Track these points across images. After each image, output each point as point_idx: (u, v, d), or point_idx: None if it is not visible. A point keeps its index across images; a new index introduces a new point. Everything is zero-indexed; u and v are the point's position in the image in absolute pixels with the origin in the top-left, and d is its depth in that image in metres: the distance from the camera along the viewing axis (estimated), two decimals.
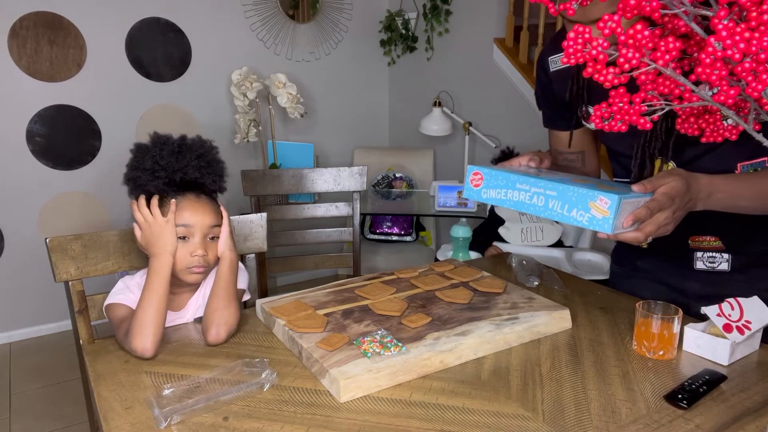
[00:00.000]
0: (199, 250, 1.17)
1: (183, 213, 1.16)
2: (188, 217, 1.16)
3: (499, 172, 0.95)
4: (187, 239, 1.17)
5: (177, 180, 1.17)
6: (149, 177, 1.16)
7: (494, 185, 0.94)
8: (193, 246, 1.17)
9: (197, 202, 1.18)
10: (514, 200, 0.92)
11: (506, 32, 2.84)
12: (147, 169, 1.16)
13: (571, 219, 0.86)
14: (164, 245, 1.11)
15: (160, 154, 1.16)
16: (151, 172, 1.16)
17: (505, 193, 0.93)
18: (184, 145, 1.19)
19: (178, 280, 1.20)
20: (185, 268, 1.17)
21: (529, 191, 0.90)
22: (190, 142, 1.21)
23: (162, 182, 1.16)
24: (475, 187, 0.96)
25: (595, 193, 0.83)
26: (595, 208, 0.83)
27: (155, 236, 1.12)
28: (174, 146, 1.18)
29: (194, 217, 1.17)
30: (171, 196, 1.17)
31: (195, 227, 1.17)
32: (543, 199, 0.88)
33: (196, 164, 1.19)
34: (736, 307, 1.02)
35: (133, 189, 1.20)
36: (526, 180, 0.91)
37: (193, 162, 1.18)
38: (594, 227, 0.84)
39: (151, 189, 1.17)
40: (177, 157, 1.17)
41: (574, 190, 0.85)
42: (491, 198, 0.95)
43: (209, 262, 1.19)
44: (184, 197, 1.18)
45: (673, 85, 0.75)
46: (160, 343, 1.05)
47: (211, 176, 1.22)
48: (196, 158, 1.19)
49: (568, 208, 0.86)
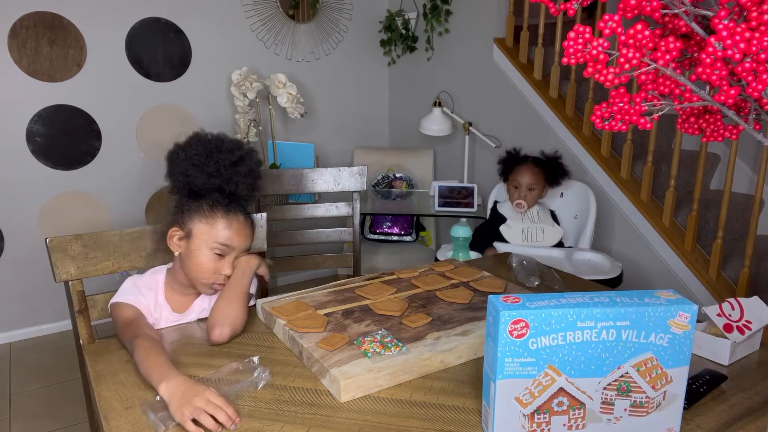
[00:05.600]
0: (227, 269, 1.18)
1: (232, 234, 1.17)
2: (235, 240, 1.17)
3: (549, 311, 0.75)
4: (224, 257, 1.18)
5: (227, 191, 1.18)
6: (206, 182, 1.16)
7: (547, 331, 0.75)
8: (223, 265, 1.18)
9: (244, 226, 1.19)
10: (577, 342, 0.76)
11: (506, 32, 2.84)
12: (208, 173, 1.16)
13: (649, 345, 0.77)
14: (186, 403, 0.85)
15: (220, 158, 1.16)
16: (209, 176, 1.16)
17: (564, 337, 0.76)
18: (240, 157, 1.19)
19: (192, 287, 1.21)
20: (209, 283, 1.18)
21: (596, 327, 0.76)
22: (244, 154, 1.20)
23: (215, 189, 1.17)
24: (518, 338, 0.75)
25: (673, 309, 0.76)
26: (675, 325, 0.77)
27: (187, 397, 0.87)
28: (233, 156, 1.18)
29: (239, 240, 1.18)
30: (223, 209, 1.16)
31: (235, 250, 1.18)
32: (614, 332, 0.76)
33: (248, 180, 1.20)
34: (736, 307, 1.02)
35: (184, 185, 1.19)
36: (589, 315, 0.75)
37: (247, 178, 1.19)
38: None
39: (204, 193, 1.17)
40: (236, 169, 1.18)
41: (648, 312, 0.76)
42: (544, 347, 0.76)
43: (228, 279, 1.20)
44: (236, 218, 1.18)
45: (673, 85, 0.75)
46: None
47: (254, 194, 1.24)
48: (248, 172, 1.20)
49: (645, 334, 0.76)
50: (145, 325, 1.13)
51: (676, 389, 0.79)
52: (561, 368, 0.77)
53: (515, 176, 2.15)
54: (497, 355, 0.75)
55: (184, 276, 1.21)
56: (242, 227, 1.19)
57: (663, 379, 0.78)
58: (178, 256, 1.21)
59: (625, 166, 2.36)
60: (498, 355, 0.75)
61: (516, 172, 2.15)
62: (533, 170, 2.12)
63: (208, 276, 1.17)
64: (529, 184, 2.12)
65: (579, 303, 0.76)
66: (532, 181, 2.12)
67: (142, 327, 1.10)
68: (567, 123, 2.53)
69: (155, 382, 0.90)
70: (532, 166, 2.14)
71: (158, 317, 1.22)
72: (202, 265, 1.17)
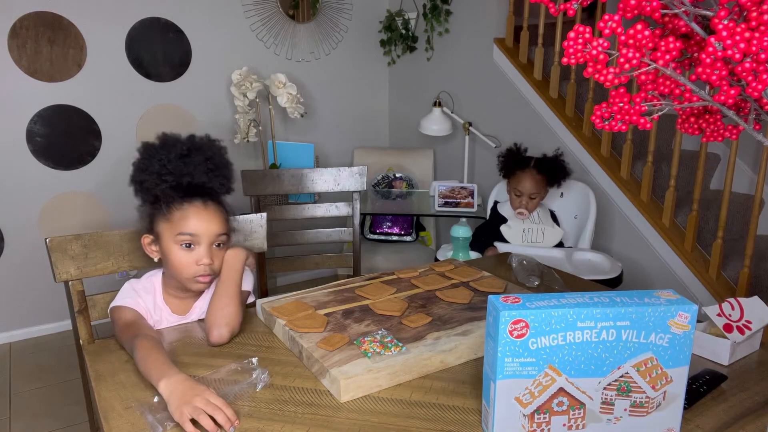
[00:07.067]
0: (205, 258, 1.15)
1: (189, 221, 1.13)
2: (195, 226, 1.14)
3: (549, 311, 0.75)
4: (193, 247, 1.15)
5: (184, 184, 1.15)
6: (156, 180, 1.14)
7: (547, 331, 0.75)
8: (199, 255, 1.15)
9: (204, 210, 1.15)
10: (577, 342, 0.76)
11: (506, 32, 2.84)
12: (154, 172, 1.13)
13: (649, 345, 0.77)
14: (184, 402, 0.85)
15: (167, 157, 1.14)
16: (158, 176, 1.13)
17: (564, 337, 0.76)
18: (193, 148, 1.16)
19: (185, 289, 1.20)
20: (191, 276, 1.15)
21: (596, 327, 0.76)
22: (199, 144, 1.17)
23: (168, 186, 1.13)
24: (518, 338, 0.75)
25: (673, 309, 0.76)
26: (675, 325, 0.77)
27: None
28: (182, 149, 1.15)
29: (201, 225, 1.14)
30: (177, 201, 1.14)
31: (201, 236, 1.15)
32: (614, 332, 0.76)
33: (204, 168, 1.16)
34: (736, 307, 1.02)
35: (140, 191, 1.18)
36: (589, 315, 0.75)
37: (201, 165, 1.15)
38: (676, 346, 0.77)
39: (158, 193, 1.15)
40: (185, 161, 1.14)
41: (648, 312, 0.76)
42: (544, 347, 0.76)
43: (215, 270, 1.17)
44: (191, 204, 1.14)
45: (673, 85, 0.75)
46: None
47: (219, 179, 1.19)
48: (204, 161, 1.16)
49: (645, 334, 0.76)
50: (144, 326, 1.13)
51: (676, 389, 0.79)
52: (561, 368, 0.77)
53: (517, 183, 2.12)
54: (497, 355, 0.75)
55: (174, 279, 1.20)
56: (201, 212, 1.14)
57: (663, 379, 0.78)
58: (158, 262, 1.21)
59: (625, 166, 2.36)
60: (498, 355, 0.75)
61: (518, 178, 2.12)
62: (535, 178, 2.10)
63: (186, 270, 1.15)
64: (531, 193, 2.11)
65: (579, 303, 0.76)
66: (535, 190, 2.11)
67: (142, 328, 1.10)
68: (567, 123, 2.53)
69: (155, 380, 0.89)
70: (535, 174, 2.10)
71: (158, 319, 1.22)
72: (175, 262, 1.15)
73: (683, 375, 0.79)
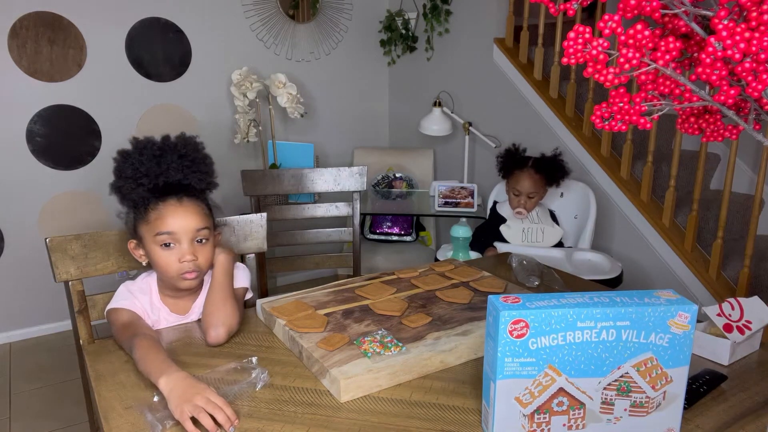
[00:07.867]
0: (188, 255, 1.13)
1: (165, 220, 1.12)
2: (171, 224, 1.12)
3: (549, 311, 0.75)
4: (173, 246, 1.14)
5: (160, 184, 1.13)
6: (132, 185, 1.12)
7: (547, 331, 0.75)
8: (181, 252, 1.14)
9: (179, 207, 1.13)
10: (577, 342, 0.76)
11: (506, 32, 2.84)
12: (129, 177, 1.12)
13: (649, 345, 0.77)
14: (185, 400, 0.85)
15: (139, 159, 1.12)
16: (134, 180, 1.12)
17: (564, 337, 0.76)
18: (166, 147, 1.14)
19: (178, 288, 1.20)
20: (177, 275, 1.14)
21: (596, 327, 0.75)
22: (173, 143, 1.16)
23: (145, 189, 1.12)
24: (518, 338, 0.75)
25: (673, 309, 0.76)
26: (675, 325, 0.76)
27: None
28: (154, 149, 1.13)
29: (177, 222, 1.12)
30: (153, 202, 1.12)
31: (179, 233, 1.13)
32: (614, 332, 0.76)
33: (178, 165, 1.15)
34: (736, 307, 1.02)
35: (121, 200, 1.17)
36: (589, 315, 0.75)
37: (174, 164, 1.14)
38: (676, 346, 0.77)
39: (135, 198, 1.14)
40: (158, 161, 1.13)
41: (648, 312, 0.76)
42: (544, 347, 0.76)
43: (201, 266, 1.16)
44: (165, 203, 1.13)
45: (673, 85, 0.75)
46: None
47: (196, 175, 1.17)
48: (178, 159, 1.15)
49: (645, 334, 0.76)
50: (142, 325, 1.12)
51: (676, 389, 0.79)
52: (561, 368, 0.77)
53: (515, 183, 2.13)
54: (497, 355, 0.75)
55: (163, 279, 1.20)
56: (176, 209, 1.13)
57: (663, 379, 0.78)
58: (148, 265, 1.21)
59: (625, 166, 2.36)
60: (498, 355, 0.75)
61: (516, 178, 2.12)
62: (534, 177, 2.10)
63: (171, 269, 1.14)
64: (529, 192, 2.11)
65: (579, 303, 0.76)
66: (533, 189, 2.11)
67: (140, 327, 1.10)
68: (567, 123, 2.53)
69: (155, 377, 0.89)
70: (533, 173, 2.10)
71: (157, 319, 1.21)
72: (159, 262, 1.15)
73: (683, 375, 0.79)
